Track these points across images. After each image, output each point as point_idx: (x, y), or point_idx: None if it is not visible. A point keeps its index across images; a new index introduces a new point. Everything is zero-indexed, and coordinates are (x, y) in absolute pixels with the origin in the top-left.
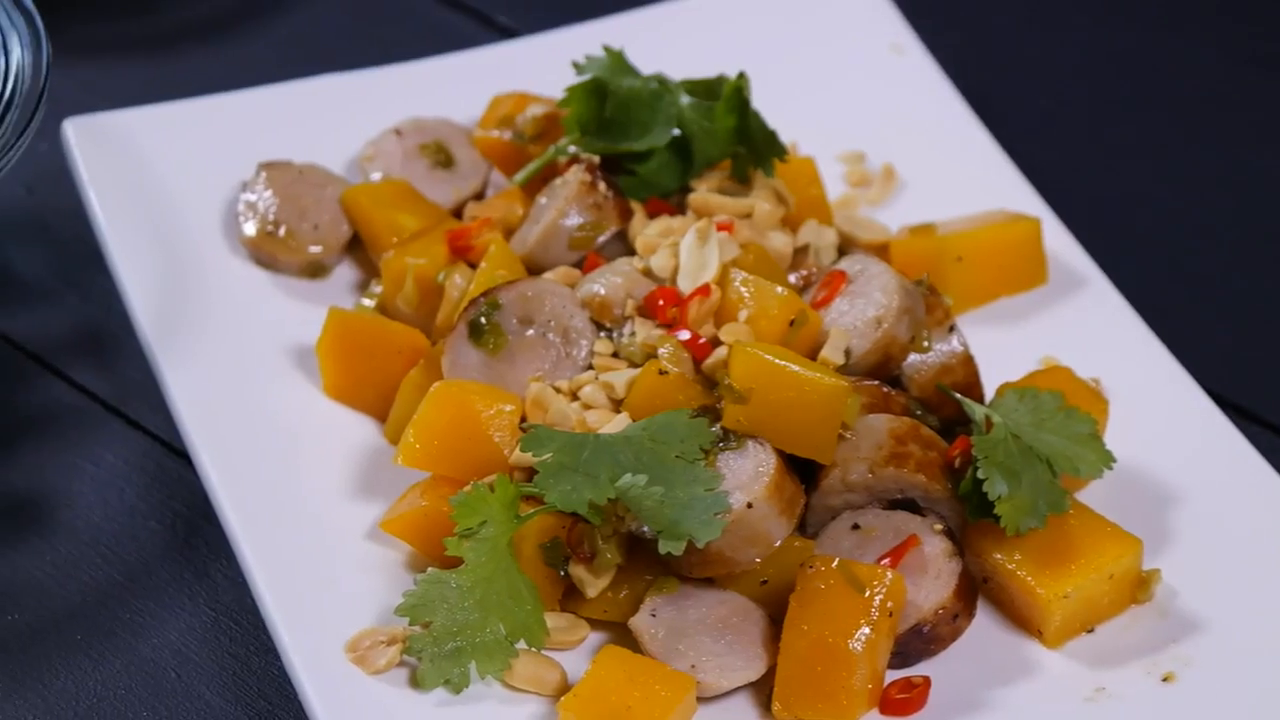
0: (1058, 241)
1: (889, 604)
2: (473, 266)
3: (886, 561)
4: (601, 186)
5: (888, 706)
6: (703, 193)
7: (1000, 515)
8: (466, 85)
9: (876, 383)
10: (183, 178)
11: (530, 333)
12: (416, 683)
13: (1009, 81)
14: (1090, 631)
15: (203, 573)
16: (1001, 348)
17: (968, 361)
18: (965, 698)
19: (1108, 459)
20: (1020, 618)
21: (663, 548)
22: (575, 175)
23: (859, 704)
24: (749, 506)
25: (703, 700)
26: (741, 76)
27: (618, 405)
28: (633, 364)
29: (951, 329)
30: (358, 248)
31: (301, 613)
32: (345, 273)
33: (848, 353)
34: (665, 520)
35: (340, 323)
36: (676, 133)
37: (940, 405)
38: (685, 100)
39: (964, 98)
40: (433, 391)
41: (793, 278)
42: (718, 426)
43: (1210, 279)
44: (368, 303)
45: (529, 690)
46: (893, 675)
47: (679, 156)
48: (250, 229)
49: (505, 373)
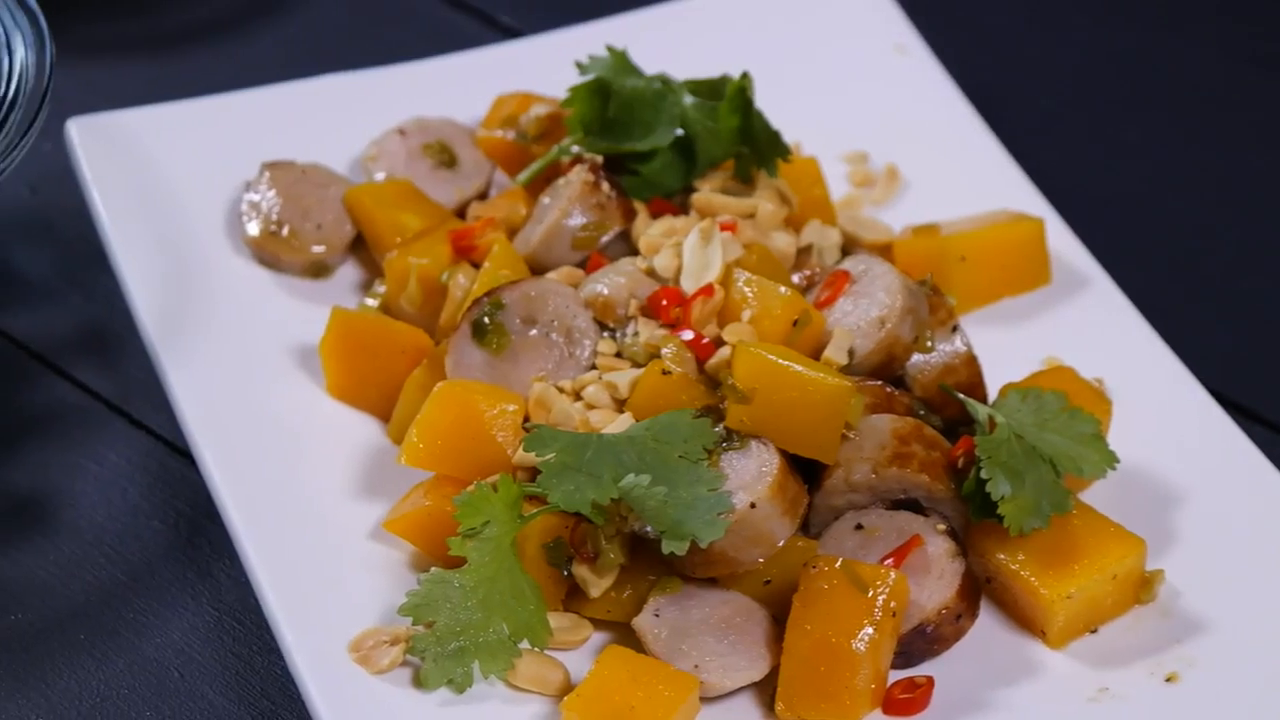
0: (1061, 241)
1: (892, 604)
2: (476, 266)
3: (890, 562)
4: (605, 186)
5: (891, 707)
6: (706, 193)
7: (1003, 515)
8: (470, 85)
9: (880, 383)
10: (186, 177)
11: (533, 333)
12: (420, 682)
13: (1012, 82)
14: (1093, 632)
15: (206, 572)
16: (1005, 348)
17: (971, 362)
18: (968, 698)
19: (1111, 459)
20: (1023, 618)
21: (666, 548)
22: (578, 175)
23: (862, 704)
24: (752, 506)
25: (706, 700)
26: (745, 76)
27: (621, 405)
28: (636, 364)
29: (955, 329)
30: (361, 247)
31: (305, 612)
32: (348, 272)
33: (851, 353)
34: (668, 520)
35: (343, 322)
36: (680, 133)
37: (943, 405)
38: (689, 100)
39: (967, 98)
40: (436, 391)
41: (796, 278)
42: (721, 426)
43: (1214, 279)
44: (371, 302)
45: (532, 690)
46: (896, 675)
47: (682, 156)
48: (253, 229)
49: (509, 372)
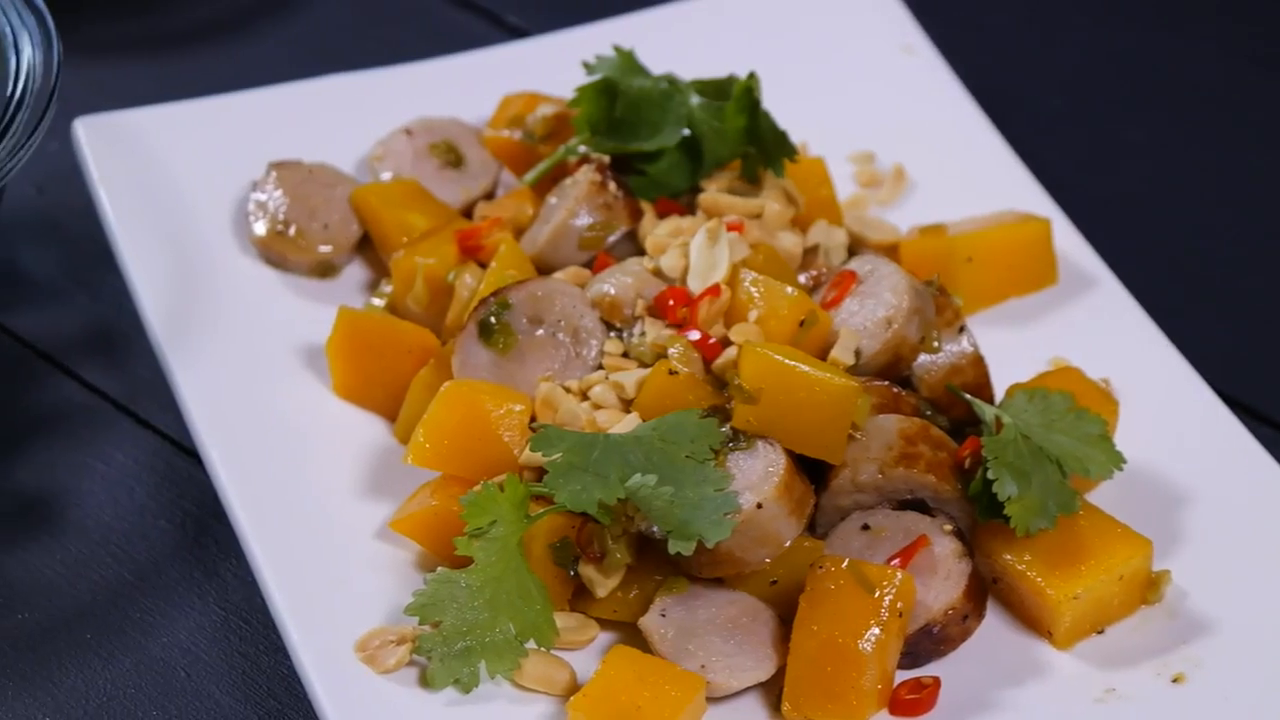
0: (1068, 242)
1: (899, 604)
2: (482, 266)
3: (896, 562)
4: (611, 186)
5: (897, 707)
6: (713, 193)
7: (1010, 516)
8: (476, 85)
9: (886, 383)
10: (193, 177)
11: (540, 332)
12: (426, 682)
13: (1019, 82)
14: (1100, 632)
15: (212, 572)
16: (1011, 348)
17: (978, 362)
18: (975, 698)
19: (1118, 460)
20: (1030, 618)
21: (672, 548)
22: (585, 175)
23: (869, 704)
24: (759, 507)
25: (712, 700)
26: (752, 77)
27: (627, 405)
28: (643, 364)
29: (961, 329)
30: (367, 247)
31: (311, 612)
32: (355, 272)
33: (858, 353)
34: (675, 520)
35: (350, 322)
36: (686, 133)
37: (950, 406)
38: (695, 100)
39: (974, 98)
40: (443, 391)
41: (802, 278)
42: (727, 427)
43: (1219, 279)
44: (377, 302)
45: (538, 690)
46: (902, 676)
47: (689, 156)
48: (260, 228)
49: (515, 372)
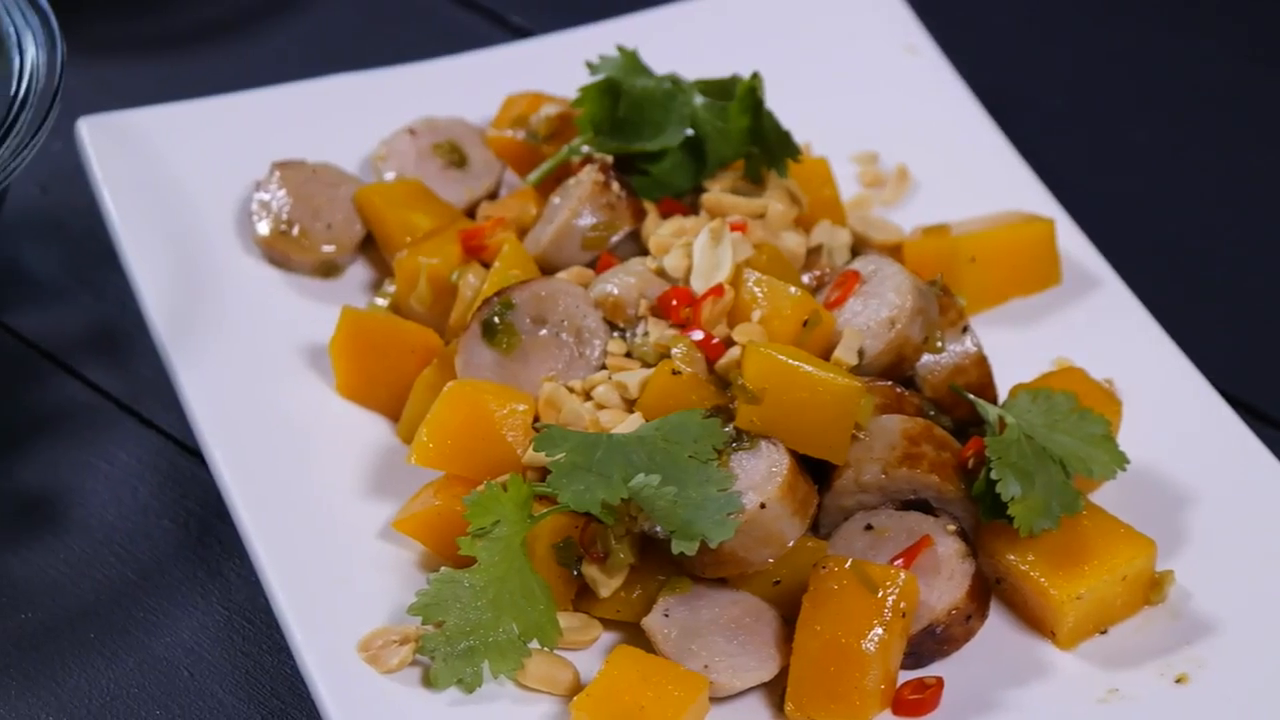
0: (1071, 242)
1: (902, 605)
2: (486, 266)
3: (899, 562)
4: (615, 186)
5: (900, 707)
6: (716, 193)
7: (1013, 516)
8: (480, 85)
9: (890, 383)
10: (196, 177)
11: (543, 332)
12: (429, 682)
13: (1022, 82)
14: (1103, 633)
15: (216, 571)
16: (1015, 348)
17: (981, 362)
18: (978, 699)
19: (1121, 460)
20: (1033, 619)
21: (676, 548)
22: (589, 175)
23: (872, 705)
24: (762, 507)
25: (715, 700)
26: (755, 77)
27: (631, 405)
28: (646, 364)
29: (965, 330)
30: (371, 247)
31: (314, 612)
32: (358, 272)
33: (861, 353)
34: (678, 520)
35: (353, 322)
36: (690, 133)
37: (953, 406)
38: (699, 100)
39: (978, 98)
40: (446, 391)
41: (806, 278)
42: (731, 427)
43: (1222, 279)
44: (381, 302)
45: (542, 690)
46: (905, 676)
47: (692, 156)
48: (264, 228)
49: (518, 372)
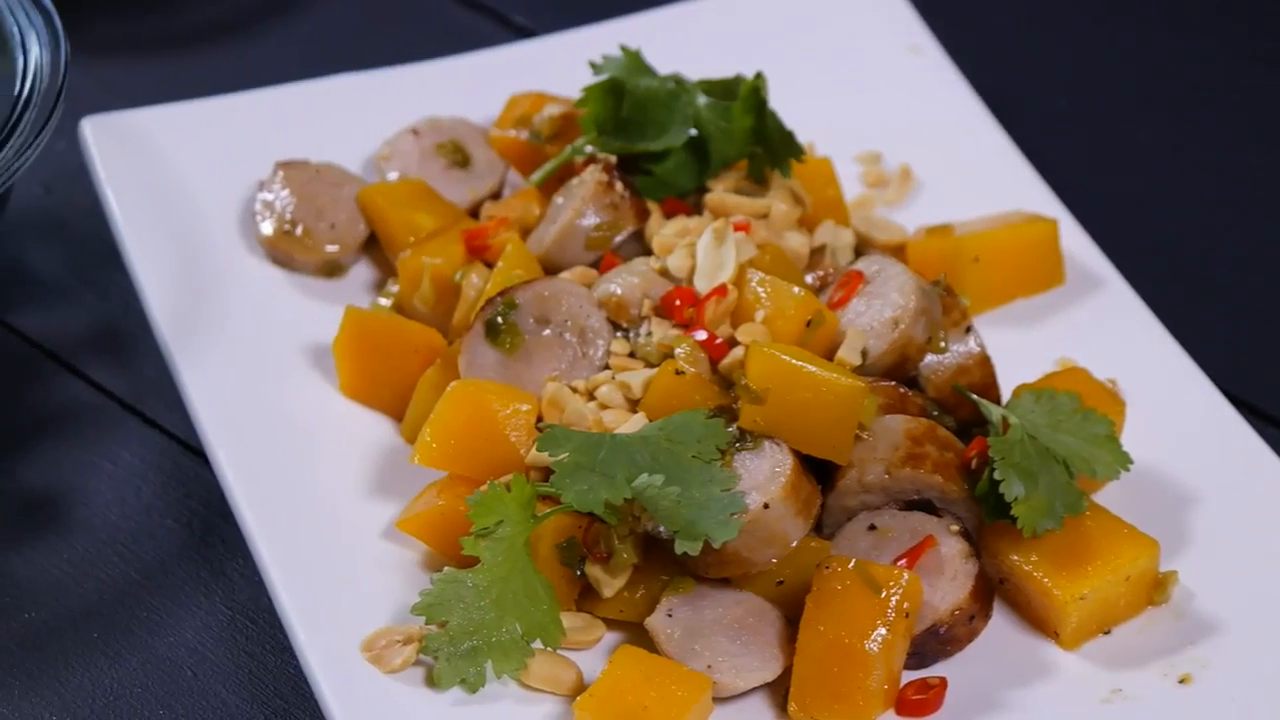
0: (1074, 242)
1: (905, 605)
2: (489, 266)
3: (903, 562)
4: (618, 186)
5: (904, 707)
6: (719, 193)
7: (1017, 516)
8: (483, 85)
9: (893, 383)
10: (200, 177)
11: (547, 332)
12: (432, 682)
13: (1026, 82)
14: (1107, 633)
15: (219, 571)
16: (1018, 349)
17: (984, 362)
18: (981, 699)
19: (1124, 460)
20: (1037, 619)
21: (679, 548)
22: (592, 175)
23: (875, 705)
24: (765, 507)
25: (719, 700)
26: (759, 77)
27: (634, 405)
28: (649, 364)
29: (968, 330)
30: (374, 247)
31: (318, 611)
32: (362, 272)
33: (864, 353)
34: (682, 520)
35: (357, 322)
36: (693, 133)
37: (957, 406)
38: (702, 100)
39: (981, 98)
40: (449, 391)
41: (809, 278)
42: (734, 427)
43: (1225, 279)
44: (384, 302)
45: (545, 690)
46: (909, 676)
47: (696, 156)
48: (267, 228)
49: (522, 372)
